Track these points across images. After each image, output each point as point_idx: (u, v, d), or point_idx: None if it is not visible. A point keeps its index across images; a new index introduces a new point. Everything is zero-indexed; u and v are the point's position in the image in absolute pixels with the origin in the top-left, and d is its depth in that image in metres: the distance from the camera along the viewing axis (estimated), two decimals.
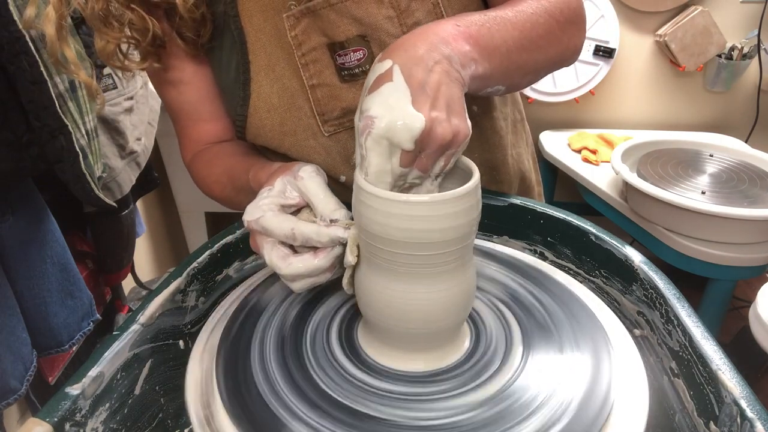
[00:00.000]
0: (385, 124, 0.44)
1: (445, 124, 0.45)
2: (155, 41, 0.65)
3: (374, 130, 0.44)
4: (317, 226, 0.49)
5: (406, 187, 0.49)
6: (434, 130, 0.45)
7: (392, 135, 0.44)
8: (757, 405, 0.40)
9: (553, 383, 0.46)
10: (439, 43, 0.48)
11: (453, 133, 0.46)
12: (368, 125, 0.44)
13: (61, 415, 0.42)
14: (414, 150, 0.45)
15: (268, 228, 0.50)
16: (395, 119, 0.44)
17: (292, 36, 0.64)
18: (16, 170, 0.90)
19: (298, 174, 0.53)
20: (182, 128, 0.76)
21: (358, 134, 0.46)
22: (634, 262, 0.58)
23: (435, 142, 0.45)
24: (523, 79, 0.61)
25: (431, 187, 0.50)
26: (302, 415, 0.43)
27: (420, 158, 0.46)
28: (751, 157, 1.58)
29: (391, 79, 0.45)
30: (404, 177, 0.47)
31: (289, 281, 0.51)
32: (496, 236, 0.70)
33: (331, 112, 0.66)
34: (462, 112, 0.47)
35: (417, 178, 0.48)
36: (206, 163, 0.73)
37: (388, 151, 0.45)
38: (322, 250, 0.49)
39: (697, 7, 1.86)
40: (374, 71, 0.47)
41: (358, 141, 0.46)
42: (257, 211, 0.51)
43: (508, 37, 0.55)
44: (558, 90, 2.01)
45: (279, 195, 0.52)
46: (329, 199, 0.51)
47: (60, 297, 1.04)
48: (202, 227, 2.02)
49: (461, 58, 0.49)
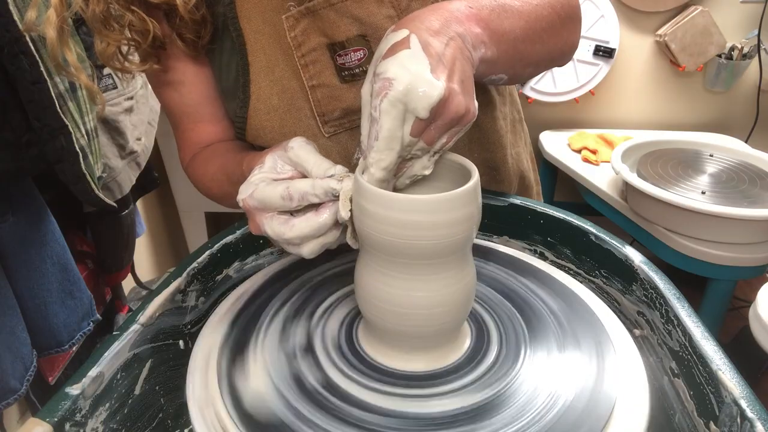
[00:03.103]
0: (403, 87, 0.42)
1: (460, 98, 0.44)
2: (155, 43, 0.64)
3: (392, 92, 0.42)
4: (312, 180, 0.48)
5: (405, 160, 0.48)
6: (450, 101, 0.44)
7: (410, 99, 0.43)
8: (757, 405, 0.40)
9: (554, 383, 0.46)
10: (452, 21, 0.47)
11: (465, 108, 0.45)
12: (385, 86, 0.43)
13: (61, 415, 0.42)
14: (427, 119, 0.44)
15: (264, 197, 0.48)
16: (415, 84, 0.42)
17: (292, 37, 0.63)
18: (16, 170, 0.90)
19: (287, 146, 0.51)
20: (182, 131, 0.75)
21: (372, 97, 0.44)
22: (634, 262, 0.58)
23: (448, 115, 0.44)
24: (525, 70, 0.61)
25: (427, 163, 0.49)
26: (305, 414, 0.43)
27: (429, 130, 0.45)
28: (751, 157, 1.58)
29: (409, 47, 0.44)
30: (410, 148, 0.46)
31: (298, 247, 0.49)
32: (496, 236, 0.70)
33: (331, 113, 0.66)
34: (472, 92, 0.47)
35: (419, 151, 0.47)
36: (203, 162, 0.72)
37: (402, 116, 0.43)
38: (323, 206, 0.48)
39: (697, 7, 1.86)
40: (388, 40, 0.46)
41: (372, 104, 0.44)
42: (250, 187, 0.50)
43: (515, 26, 0.55)
44: (558, 90, 2.01)
45: (270, 171, 0.51)
46: (322, 160, 0.49)
47: (60, 297, 1.04)
48: (202, 227, 2.02)
49: (473, 39, 0.49)
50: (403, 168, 0.49)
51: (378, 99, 0.43)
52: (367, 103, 0.46)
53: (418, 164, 0.49)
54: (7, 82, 0.83)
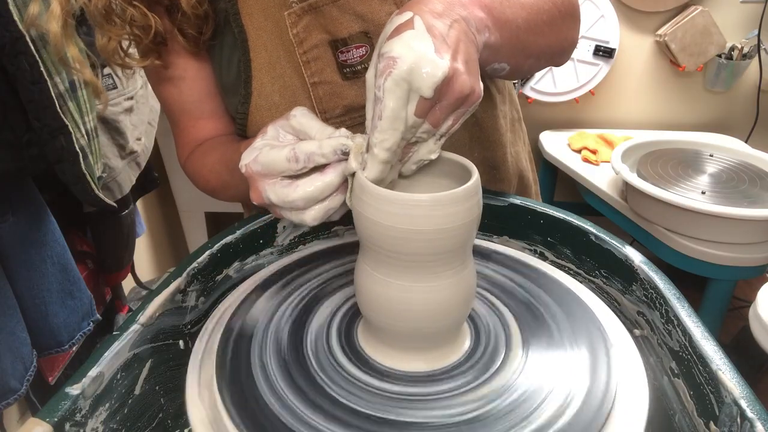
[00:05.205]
0: (407, 65, 0.42)
1: (465, 77, 0.44)
2: (156, 39, 0.64)
3: (396, 70, 0.42)
4: (318, 141, 0.47)
5: (410, 143, 0.47)
6: (455, 80, 0.44)
7: (414, 78, 0.42)
8: (757, 405, 0.40)
9: (554, 383, 0.46)
10: (456, 5, 0.47)
11: (470, 88, 0.45)
12: (389, 65, 0.42)
13: (61, 415, 0.42)
14: (432, 99, 0.43)
15: (268, 160, 0.47)
16: (419, 62, 0.42)
17: (294, 34, 0.64)
18: (16, 170, 0.90)
19: (290, 114, 0.50)
20: (181, 128, 0.75)
21: (376, 77, 0.44)
22: (634, 262, 0.58)
23: (453, 94, 0.44)
24: (526, 62, 0.61)
25: (433, 146, 0.48)
26: (303, 416, 0.43)
27: (434, 110, 0.45)
28: (751, 157, 1.58)
29: (413, 27, 0.44)
30: (414, 130, 0.46)
31: (302, 212, 0.48)
32: (496, 236, 0.70)
33: (332, 110, 0.66)
34: (477, 73, 0.46)
35: (424, 133, 0.47)
36: (201, 155, 0.72)
37: (406, 95, 0.43)
38: (328, 167, 0.47)
39: (697, 7, 1.86)
40: (393, 22, 0.46)
41: (376, 83, 0.44)
42: (253, 152, 0.49)
43: (517, 15, 0.55)
44: (558, 90, 2.01)
45: (273, 139, 0.50)
46: (326, 127, 0.49)
47: (60, 297, 1.04)
48: (202, 227, 2.02)
49: (476, 23, 0.49)
50: (408, 152, 0.48)
51: (382, 78, 0.43)
52: (372, 86, 0.45)
53: (424, 148, 0.48)
54: (7, 82, 0.83)
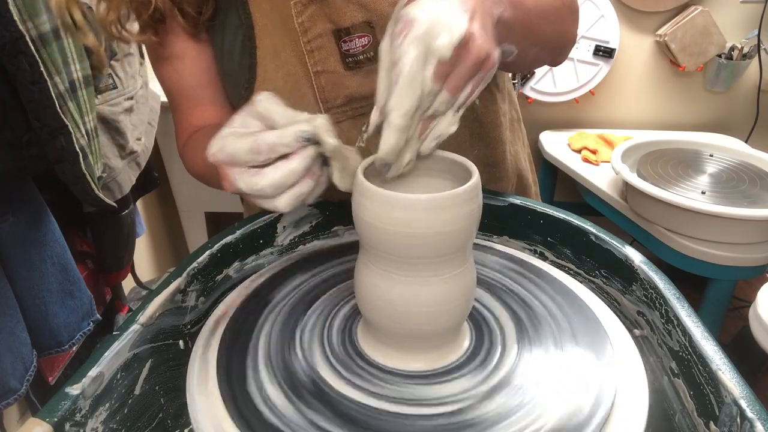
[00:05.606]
0: (425, 27, 0.42)
1: (482, 41, 0.43)
2: (155, 15, 0.64)
3: (413, 30, 0.42)
4: (280, 129, 0.47)
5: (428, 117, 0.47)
6: (473, 41, 0.43)
7: (432, 38, 0.42)
8: (757, 405, 0.40)
9: (553, 382, 0.46)
10: None
11: (486, 53, 0.44)
12: (407, 26, 0.42)
13: (61, 415, 0.42)
14: (449, 61, 0.43)
15: (233, 151, 0.47)
16: (436, 23, 0.42)
17: (299, 23, 0.64)
18: (16, 170, 0.90)
19: (255, 100, 0.50)
20: (180, 113, 0.74)
21: (393, 39, 0.43)
22: (634, 262, 0.58)
23: (470, 58, 0.43)
24: (532, 50, 0.61)
25: (452, 119, 0.47)
26: (303, 416, 0.43)
27: (451, 77, 0.44)
28: (751, 157, 1.59)
29: None
30: (431, 98, 0.45)
31: (273, 200, 0.48)
32: (496, 236, 0.70)
33: (334, 99, 0.66)
34: (494, 41, 0.46)
35: (442, 104, 0.46)
36: (197, 141, 0.71)
37: (424, 56, 0.42)
38: (294, 154, 0.46)
39: (697, 7, 1.87)
40: None
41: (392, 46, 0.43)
42: (219, 142, 0.48)
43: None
44: (558, 90, 2.01)
45: (240, 126, 0.50)
46: (289, 111, 0.48)
47: (60, 297, 1.04)
48: (202, 227, 2.02)
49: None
50: (427, 127, 0.47)
51: (399, 38, 0.42)
52: (386, 54, 0.44)
53: (443, 122, 0.47)
54: (7, 82, 0.83)
